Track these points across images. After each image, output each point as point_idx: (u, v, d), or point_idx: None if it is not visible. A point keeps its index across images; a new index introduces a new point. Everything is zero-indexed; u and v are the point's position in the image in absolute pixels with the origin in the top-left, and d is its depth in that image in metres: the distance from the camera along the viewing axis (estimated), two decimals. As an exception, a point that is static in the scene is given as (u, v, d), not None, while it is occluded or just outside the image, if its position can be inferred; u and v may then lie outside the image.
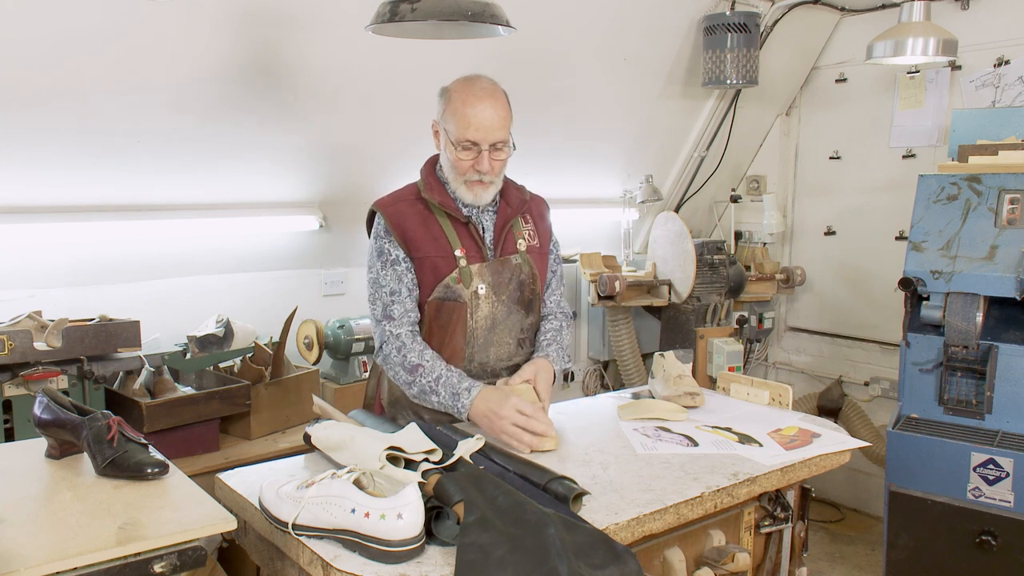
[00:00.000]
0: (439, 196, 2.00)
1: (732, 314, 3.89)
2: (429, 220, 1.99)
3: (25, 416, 2.19)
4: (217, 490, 1.61)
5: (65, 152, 2.46)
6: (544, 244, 2.14)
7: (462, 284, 1.96)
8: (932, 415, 2.83)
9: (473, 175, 1.95)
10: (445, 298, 1.97)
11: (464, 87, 1.94)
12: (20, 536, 1.27)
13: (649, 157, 3.99)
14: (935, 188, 2.86)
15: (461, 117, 1.90)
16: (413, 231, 1.98)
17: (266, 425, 2.70)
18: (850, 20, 3.90)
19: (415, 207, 2.01)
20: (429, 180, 2.03)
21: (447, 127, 1.95)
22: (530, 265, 2.07)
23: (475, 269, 1.98)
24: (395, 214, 2.00)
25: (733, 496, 1.63)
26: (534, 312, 2.11)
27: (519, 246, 2.06)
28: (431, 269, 1.97)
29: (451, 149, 1.94)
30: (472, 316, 1.98)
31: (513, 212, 2.07)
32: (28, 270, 2.55)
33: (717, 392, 2.31)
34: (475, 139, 1.91)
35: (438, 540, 1.34)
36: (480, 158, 1.93)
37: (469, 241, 2.00)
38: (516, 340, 2.07)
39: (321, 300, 3.19)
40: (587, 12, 3.21)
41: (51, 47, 2.25)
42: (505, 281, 2.02)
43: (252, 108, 2.68)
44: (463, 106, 1.91)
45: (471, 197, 1.99)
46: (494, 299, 2.00)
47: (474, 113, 1.90)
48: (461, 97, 1.92)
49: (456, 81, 1.97)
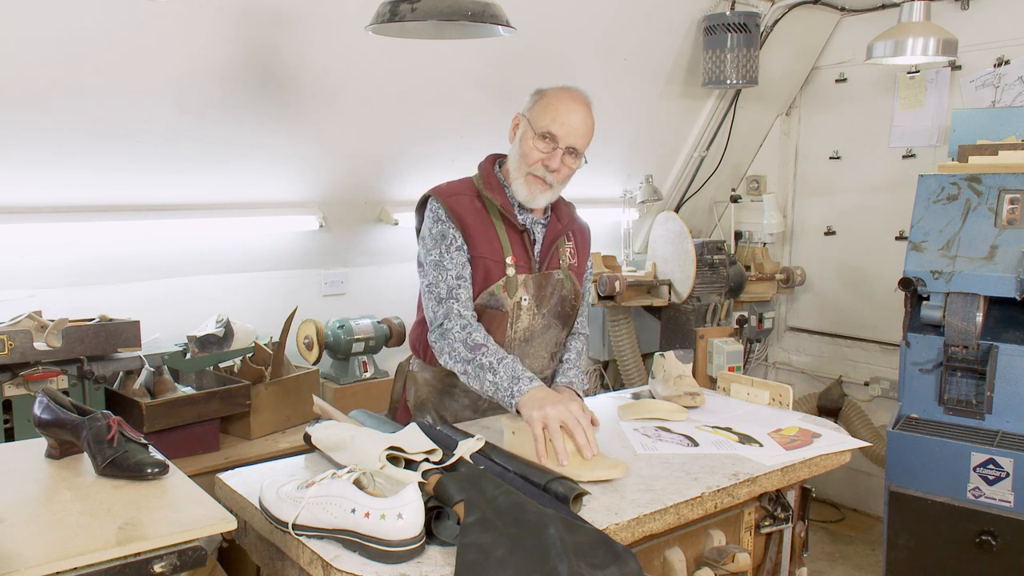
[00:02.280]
0: (499, 197, 1.98)
1: (732, 314, 3.89)
2: (485, 220, 1.97)
3: (25, 416, 2.19)
4: (217, 490, 1.61)
5: (65, 152, 2.46)
6: (582, 265, 2.14)
7: (506, 293, 1.95)
8: (932, 415, 2.83)
9: (539, 169, 1.93)
10: (488, 305, 1.95)
11: (562, 89, 1.97)
12: (20, 536, 1.27)
13: (649, 157, 3.99)
14: (935, 188, 2.86)
15: (553, 110, 1.92)
16: (472, 227, 1.95)
17: (266, 425, 2.70)
18: (850, 20, 3.90)
19: (473, 203, 1.98)
20: (490, 179, 2.01)
21: (532, 118, 1.94)
22: (572, 281, 2.07)
23: (521, 279, 1.97)
24: (456, 205, 1.96)
25: (733, 496, 1.63)
26: (568, 328, 2.11)
27: (562, 262, 2.06)
28: (483, 270, 1.95)
29: (528, 139, 1.93)
30: (512, 326, 1.98)
31: (563, 229, 2.07)
32: (28, 270, 2.55)
33: (717, 392, 2.31)
34: (558, 133, 1.91)
35: (438, 540, 1.34)
36: (553, 155, 1.92)
37: (520, 250, 1.99)
38: (550, 354, 2.07)
39: (321, 300, 3.19)
40: (587, 12, 3.21)
41: (51, 47, 2.25)
42: (547, 295, 2.01)
43: (252, 108, 2.68)
44: (558, 102, 1.93)
45: (526, 193, 1.96)
46: (535, 311, 2.00)
47: (567, 110, 1.92)
48: (558, 95, 1.94)
49: (554, 86, 1.99)
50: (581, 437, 1.63)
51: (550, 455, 1.62)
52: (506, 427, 1.76)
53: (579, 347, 2.17)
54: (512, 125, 2.02)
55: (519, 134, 1.98)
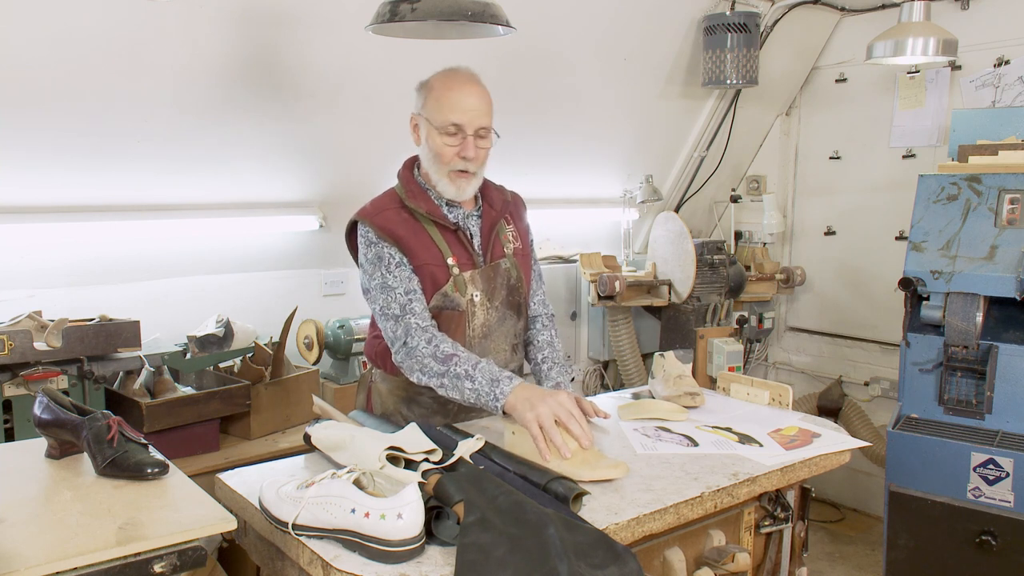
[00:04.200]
0: (425, 204, 1.94)
1: (732, 314, 3.89)
2: (417, 229, 1.93)
3: (25, 416, 2.19)
4: (217, 490, 1.61)
5: (65, 152, 2.46)
6: (525, 244, 2.12)
7: (458, 292, 1.93)
8: (932, 415, 2.83)
9: (458, 163, 1.90)
10: (444, 307, 1.93)
11: (446, 75, 1.93)
12: (20, 536, 1.27)
13: (649, 157, 3.99)
14: (935, 188, 2.86)
15: (446, 102, 1.88)
16: (406, 239, 1.91)
17: (266, 425, 2.70)
18: (850, 20, 3.90)
19: (401, 215, 1.93)
20: (411, 187, 1.97)
21: (429, 115, 1.91)
22: (517, 269, 2.04)
23: (468, 276, 1.94)
24: (384, 222, 1.92)
25: (733, 496, 1.63)
26: (523, 316, 2.09)
27: (507, 250, 2.04)
28: (429, 277, 1.92)
29: (435, 137, 1.90)
30: (469, 324, 1.96)
31: (497, 215, 2.04)
32: (28, 270, 2.55)
33: (717, 392, 2.31)
34: (460, 122, 1.87)
35: (438, 540, 1.34)
36: (465, 144, 1.89)
37: (459, 248, 1.96)
38: (511, 346, 2.05)
39: (321, 300, 3.19)
40: (587, 12, 3.21)
41: (51, 47, 2.25)
42: (497, 287, 1.99)
43: (252, 108, 2.68)
44: (447, 91, 1.89)
45: (453, 191, 1.94)
46: (488, 306, 1.98)
47: (460, 97, 1.88)
48: (444, 83, 1.91)
49: (435, 74, 1.95)
50: (576, 428, 1.62)
51: (552, 452, 1.62)
52: (506, 427, 1.75)
53: (548, 338, 2.14)
54: (411, 127, 1.98)
55: (423, 135, 1.94)
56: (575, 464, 1.60)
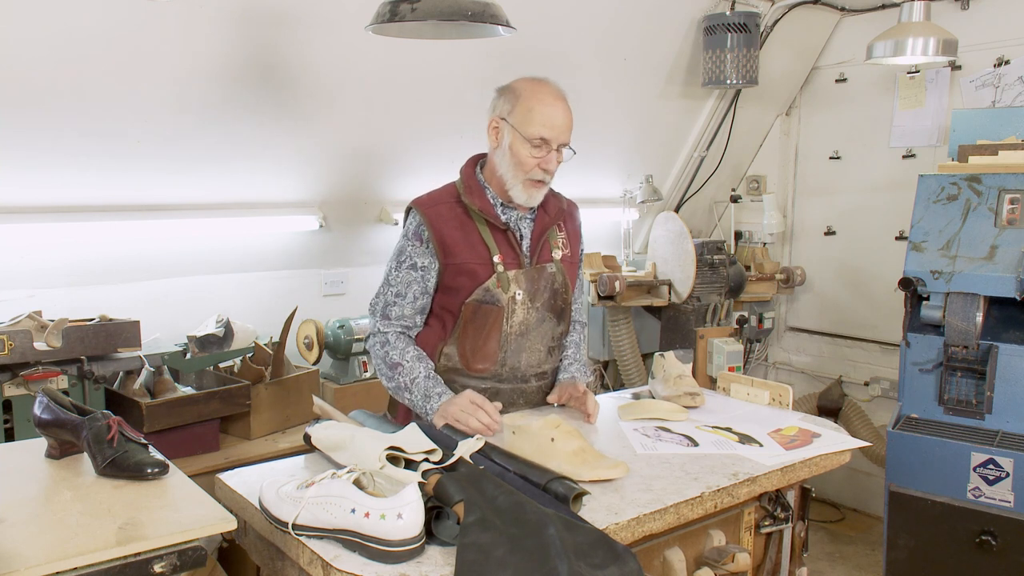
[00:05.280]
0: (479, 201, 2.00)
1: (732, 314, 3.89)
2: (467, 225, 2.00)
3: (25, 416, 2.19)
4: (217, 490, 1.61)
5: (65, 152, 2.45)
6: (575, 252, 2.16)
7: (501, 289, 1.98)
8: (932, 415, 2.83)
9: (537, 173, 1.96)
10: (484, 301, 1.98)
11: (536, 87, 1.97)
12: (20, 536, 1.27)
13: (649, 157, 3.99)
14: (935, 188, 2.86)
15: (537, 115, 1.93)
16: (451, 236, 1.98)
17: (266, 425, 2.70)
18: (850, 20, 3.90)
19: (454, 210, 2.01)
20: (470, 183, 2.03)
21: (517, 124, 1.94)
22: (563, 275, 2.08)
23: (512, 275, 1.99)
24: (435, 216, 1.99)
25: (733, 496, 1.63)
26: (564, 321, 2.13)
27: (554, 255, 2.08)
28: (468, 274, 1.98)
29: (520, 146, 1.94)
30: (508, 321, 2.00)
31: (551, 221, 2.09)
32: (28, 270, 2.55)
33: (717, 392, 2.31)
34: (549, 137, 1.93)
35: (438, 540, 1.34)
36: (548, 157, 1.95)
37: (507, 247, 2.01)
38: (547, 348, 2.09)
39: (321, 300, 3.19)
40: (587, 12, 3.21)
41: (51, 47, 2.25)
42: (540, 289, 2.03)
43: (252, 108, 2.68)
44: (540, 104, 1.94)
45: (525, 198, 1.99)
46: (529, 306, 2.02)
47: (552, 113, 1.94)
48: (536, 96, 1.95)
49: (522, 81, 1.99)
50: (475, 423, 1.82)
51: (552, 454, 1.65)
52: (506, 427, 1.76)
53: (576, 339, 2.21)
54: (490, 129, 2.00)
55: (506, 142, 1.97)
56: (575, 464, 1.61)
